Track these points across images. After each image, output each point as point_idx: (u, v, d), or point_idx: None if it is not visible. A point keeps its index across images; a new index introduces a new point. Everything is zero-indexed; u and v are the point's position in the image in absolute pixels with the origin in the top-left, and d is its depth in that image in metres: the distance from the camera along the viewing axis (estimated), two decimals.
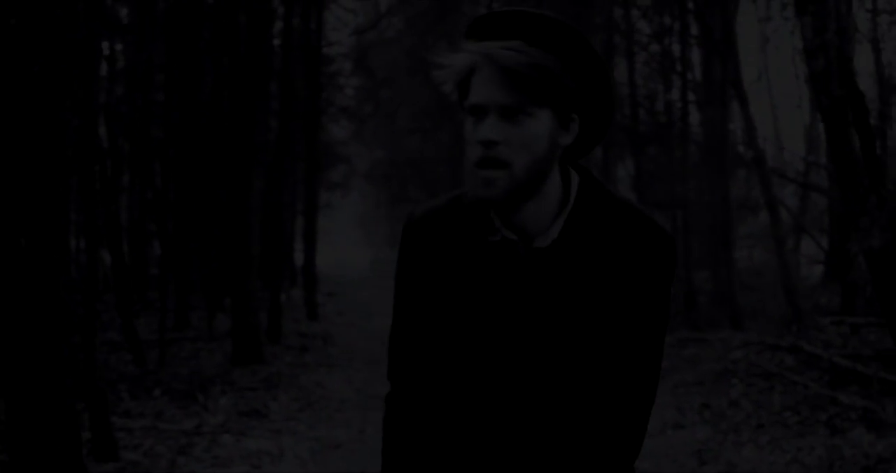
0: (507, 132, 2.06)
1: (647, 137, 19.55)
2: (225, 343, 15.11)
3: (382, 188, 48.07)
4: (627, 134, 19.32)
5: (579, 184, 2.18)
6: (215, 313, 17.82)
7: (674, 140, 18.50)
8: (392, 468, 2.34)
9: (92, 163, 8.65)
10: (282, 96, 19.45)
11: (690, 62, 19.50)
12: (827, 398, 9.94)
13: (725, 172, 16.39)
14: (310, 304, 22.23)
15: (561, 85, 2.07)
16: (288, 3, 19.38)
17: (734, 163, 17.57)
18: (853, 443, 8.39)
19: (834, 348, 12.12)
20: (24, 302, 6.21)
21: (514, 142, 2.06)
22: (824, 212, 21.69)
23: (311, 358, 15.36)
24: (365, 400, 11.26)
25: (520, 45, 2.08)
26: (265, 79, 16.14)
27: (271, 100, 19.15)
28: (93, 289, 8.43)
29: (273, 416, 10.48)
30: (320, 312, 22.72)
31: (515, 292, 2.14)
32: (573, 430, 2.14)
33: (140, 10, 18.43)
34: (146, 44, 18.03)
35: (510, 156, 2.06)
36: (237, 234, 14.56)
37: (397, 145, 37.39)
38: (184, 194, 17.20)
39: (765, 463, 8.04)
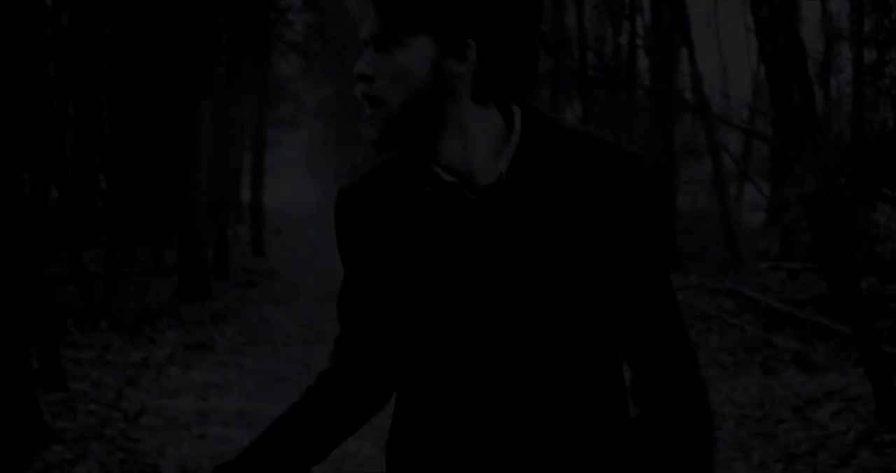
0: (380, 65, 1.82)
1: (595, 81, 19.70)
2: (172, 278, 15.21)
3: (331, 125, 47.96)
4: (576, 77, 19.46)
5: (522, 116, 1.89)
6: (162, 248, 17.89)
7: (621, 84, 18.71)
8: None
9: (39, 96, 8.66)
10: (230, 31, 19.36)
11: (640, 7, 19.67)
12: (762, 340, 10.31)
13: (670, 117, 16.63)
14: (256, 241, 22.33)
15: (437, 6, 1.78)
16: None
17: (680, 108, 17.77)
18: (785, 383, 8.74)
19: (771, 292, 12.48)
20: None
21: (386, 76, 1.81)
22: (767, 159, 22.04)
23: (257, 294, 15.56)
24: (310, 335, 11.46)
25: None
26: (213, 13, 16.06)
27: (220, 35, 19.05)
28: (40, 222, 8.50)
29: (219, 350, 10.69)
30: (267, 249, 22.84)
31: (470, 238, 1.86)
32: (584, 392, 1.84)
33: None
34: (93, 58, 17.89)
35: (383, 91, 1.82)
36: (184, 169, 14.59)
37: (346, 83, 37.28)
38: (131, 128, 17.16)
39: None
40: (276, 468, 2.00)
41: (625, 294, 1.85)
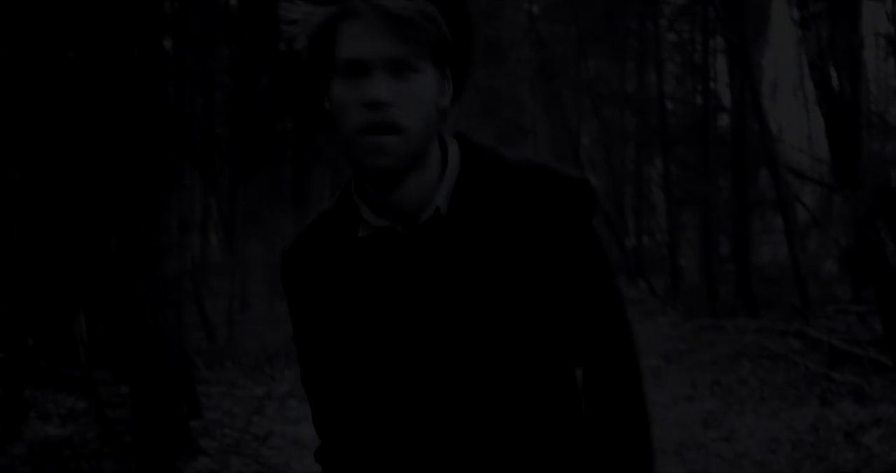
0: (397, 90, 1.72)
1: (674, 138, 20.53)
2: (284, 323, 16.30)
3: None
4: (657, 135, 20.36)
5: (460, 148, 1.86)
6: (274, 297, 19.16)
7: (699, 141, 19.48)
8: None
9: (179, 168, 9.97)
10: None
11: (715, 70, 20.57)
12: (823, 375, 10.94)
13: (744, 172, 17.37)
14: None
15: (443, 35, 1.76)
16: None
17: (758, 162, 18.43)
18: (839, 413, 9.35)
19: (836, 333, 13.05)
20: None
21: (404, 102, 1.72)
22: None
23: None
24: None
25: None
26: None
27: None
28: (179, 279, 9.73)
29: None
30: None
31: (411, 274, 1.81)
32: (543, 418, 1.85)
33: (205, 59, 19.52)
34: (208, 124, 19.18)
35: (402, 118, 1.72)
36: (297, 224, 15.84)
37: None
38: (246, 192, 18.42)
39: (762, 429, 9.00)
40: None
41: (574, 308, 1.83)
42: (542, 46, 23.54)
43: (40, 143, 9.11)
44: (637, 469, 1.85)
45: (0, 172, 10.81)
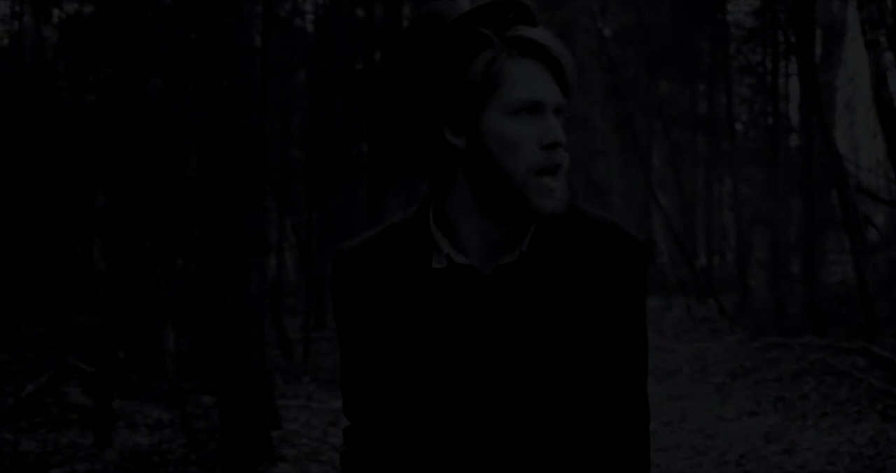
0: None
1: (743, 160, 20.74)
2: None
3: None
4: (726, 156, 20.54)
5: None
6: None
7: (770, 162, 19.64)
8: None
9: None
10: None
11: (787, 90, 20.75)
12: (885, 392, 11.02)
13: (812, 193, 17.51)
14: None
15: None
16: None
17: (828, 182, 18.52)
18: None
19: None
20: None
21: (563, 146, 1.75)
22: None
23: None
24: None
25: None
26: None
27: None
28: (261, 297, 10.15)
29: None
30: None
31: (481, 314, 1.82)
32: (563, 462, 1.87)
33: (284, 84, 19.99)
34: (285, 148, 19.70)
35: (566, 160, 1.75)
36: None
37: None
38: (321, 214, 18.90)
39: (822, 443, 9.16)
40: None
41: (603, 367, 1.86)
42: (613, 69, 23.84)
43: (132, 166, 9.62)
44: None
45: (87, 194, 11.35)
